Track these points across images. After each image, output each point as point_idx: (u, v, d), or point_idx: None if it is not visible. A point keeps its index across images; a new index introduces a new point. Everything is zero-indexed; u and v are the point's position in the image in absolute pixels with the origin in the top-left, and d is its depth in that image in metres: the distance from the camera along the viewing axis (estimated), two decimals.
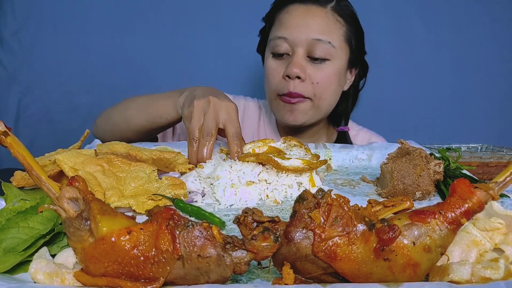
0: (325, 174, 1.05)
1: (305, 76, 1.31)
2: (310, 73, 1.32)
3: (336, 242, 0.50)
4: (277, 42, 1.34)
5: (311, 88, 1.33)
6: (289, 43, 1.32)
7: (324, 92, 1.35)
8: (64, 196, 0.53)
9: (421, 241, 0.50)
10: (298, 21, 1.32)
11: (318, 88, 1.34)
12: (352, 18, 1.39)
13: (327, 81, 1.34)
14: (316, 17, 1.32)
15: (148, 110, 1.24)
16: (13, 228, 0.60)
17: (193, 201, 0.84)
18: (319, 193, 0.52)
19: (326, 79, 1.34)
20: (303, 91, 1.32)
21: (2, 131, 0.55)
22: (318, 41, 1.30)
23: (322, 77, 1.33)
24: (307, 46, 1.31)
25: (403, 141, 0.97)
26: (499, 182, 0.56)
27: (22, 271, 0.56)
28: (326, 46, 1.31)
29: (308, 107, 1.36)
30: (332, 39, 1.32)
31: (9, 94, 1.98)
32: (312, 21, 1.32)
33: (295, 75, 1.30)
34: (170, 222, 0.50)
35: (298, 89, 1.32)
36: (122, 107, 1.33)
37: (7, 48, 1.96)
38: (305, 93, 1.33)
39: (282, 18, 1.36)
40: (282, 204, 0.86)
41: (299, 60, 1.31)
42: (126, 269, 0.49)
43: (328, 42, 1.31)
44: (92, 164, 0.82)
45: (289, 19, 1.34)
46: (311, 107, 1.36)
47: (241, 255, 0.50)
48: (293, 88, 1.31)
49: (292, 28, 1.32)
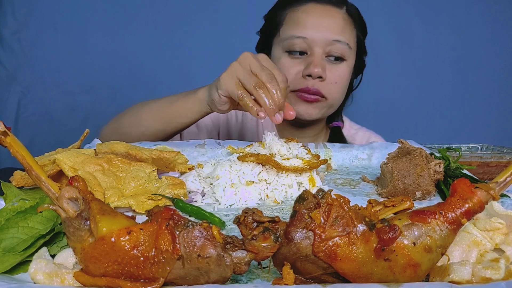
0: (325, 174, 1.05)
1: (325, 76, 1.34)
2: (328, 73, 1.35)
3: (336, 242, 0.50)
4: (294, 41, 1.35)
5: (329, 87, 1.36)
6: (308, 42, 1.34)
7: (339, 92, 1.40)
8: (64, 196, 0.53)
9: (422, 241, 0.50)
10: (317, 21, 1.34)
11: (335, 88, 1.37)
12: (361, 21, 1.43)
13: (343, 81, 1.39)
14: (334, 18, 1.35)
15: (164, 113, 1.21)
16: (12, 228, 0.60)
17: (193, 201, 0.84)
18: (319, 193, 0.52)
19: (342, 79, 1.38)
20: (321, 89, 1.35)
21: (2, 131, 0.55)
22: (337, 42, 1.33)
23: (339, 77, 1.37)
24: (325, 46, 1.33)
25: (403, 141, 0.97)
26: (500, 182, 0.56)
27: (21, 271, 0.56)
28: (344, 47, 1.34)
29: (323, 104, 1.39)
30: (349, 40, 1.36)
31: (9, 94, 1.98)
32: (331, 21, 1.34)
33: (317, 75, 1.32)
34: (170, 222, 0.49)
35: (317, 86, 1.34)
36: (132, 113, 1.29)
37: (7, 48, 1.96)
38: (323, 91, 1.35)
39: (299, 17, 1.37)
40: (282, 204, 0.85)
41: (320, 60, 1.33)
42: (126, 269, 0.49)
43: (346, 43, 1.35)
44: (92, 163, 0.82)
45: (308, 19, 1.35)
46: (325, 105, 1.40)
47: (241, 255, 0.50)
48: (313, 85, 1.34)
49: (312, 27, 1.34)
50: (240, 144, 1.11)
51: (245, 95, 0.97)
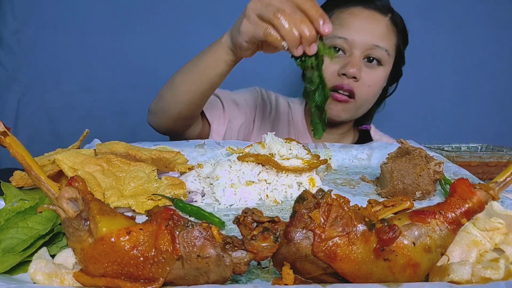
0: (325, 174, 1.05)
1: (360, 77, 1.36)
2: (364, 75, 1.37)
3: (336, 242, 0.50)
4: (336, 41, 1.37)
5: (361, 89, 1.38)
6: (348, 43, 1.36)
7: (371, 95, 1.43)
8: (64, 196, 0.53)
9: (421, 241, 0.50)
10: (362, 24, 1.37)
11: (367, 90, 1.40)
12: (404, 29, 1.46)
13: (377, 85, 1.42)
14: (378, 24, 1.38)
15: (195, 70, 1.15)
16: (12, 229, 0.60)
17: (193, 201, 0.84)
18: (319, 193, 0.52)
19: (376, 83, 1.41)
20: (354, 89, 1.37)
21: (1, 131, 0.55)
22: (377, 47, 1.36)
23: (374, 81, 1.40)
24: (365, 50, 1.36)
25: (403, 141, 0.97)
26: (500, 182, 0.56)
27: (21, 271, 0.56)
28: (383, 52, 1.37)
29: (352, 106, 1.41)
30: (388, 47, 1.39)
31: (9, 94, 1.98)
32: (374, 27, 1.38)
33: (352, 75, 1.34)
34: (169, 222, 0.49)
35: (351, 86, 1.36)
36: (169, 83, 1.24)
37: (7, 48, 1.96)
38: (356, 91, 1.37)
39: (345, 18, 1.39)
40: (282, 204, 0.85)
41: (357, 61, 1.36)
42: (125, 270, 0.49)
43: (385, 50, 1.38)
44: (92, 164, 0.82)
45: (353, 21, 1.38)
46: (354, 107, 1.42)
47: (241, 255, 0.50)
48: (347, 84, 1.36)
49: (355, 30, 1.36)
50: (240, 144, 1.12)
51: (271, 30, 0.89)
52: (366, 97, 1.42)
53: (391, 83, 1.57)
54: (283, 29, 0.88)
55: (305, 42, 0.89)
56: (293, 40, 0.88)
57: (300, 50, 0.90)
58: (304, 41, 0.89)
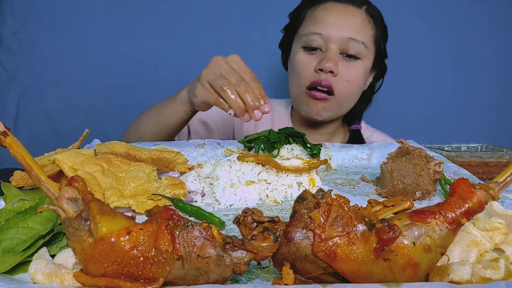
0: (325, 174, 1.05)
1: (337, 71, 1.35)
2: (341, 69, 1.36)
3: (336, 242, 0.50)
4: (311, 37, 1.37)
5: (340, 84, 1.37)
6: (324, 39, 1.36)
7: (350, 90, 1.40)
8: (64, 196, 0.53)
9: (421, 241, 0.50)
10: (335, 18, 1.36)
11: (346, 85, 1.38)
12: (381, 21, 1.45)
13: (356, 79, 1.39)
14: (352, 17, 1.37)
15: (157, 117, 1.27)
16: (12, 229, 0.60)
17: (193, 201, 0.84)
18: (319, 193, 0.52)
19: (355, 77, 1.39)
20: (333, 84, 1.36)
21: (2, 131, 0.55)
22: (353, 40, 1.35)
23: (352, 75, 1.38)
24: (341, 44, 1.35)
25: (403, 141, 0.97)
26: (500, 182, 0.56)
27: (21, 271, 0.56)
28: (360, 45, 1.36)
29: (333, 104, 1.40)
30: (365, 39, 1.37)
31: (9, 94, 1.98)
32: (348, 20, 1.36)
33: (329, 69, 1.33)
34: (169, 222, 0.49)
35: (329, 81, 1.35)
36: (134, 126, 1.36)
37: (7, 48, 1.96)
38: (334, 87, 1.36)
39: (318, 14, 1.39)
40: (282, 204, 0.85)
41: (333, 55, 1.35)
42: (125, 270, 0.49)
43: (361, 42, 1.36)
44: (92, 164, 0.82)
45: (326, 16, 1.37)
46: (335, 104, 1.40)
47: (241, 255, 0.50)
48: (325, 79, 1.35)
49: (329, 25, 1.36)
50: (240, 144, 1.11)
51: (220, 98, 1.02)
52: (346, 93, 1.39)
53: (377, 79, 1.56)
54: (230, 100, 1.00)
55: (250, 109, 0.99)
56: (239, 109, 0.99)
57: (246, 117, 1.00)
58: (249, 108, 0.99)
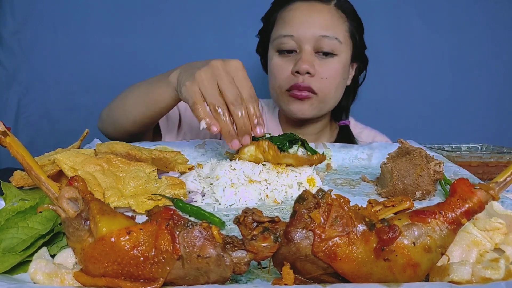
0: (325, 174, 1.05)
1: (314, 72, 1.34)
2: (318, 68, 1.34)
3: (336, 242, 0.50)
4: (283, 40, 1.36)
5: (319, 83, 1.35)
6: (296, 40, 1.34)
7: (331, 87, 1.38)
8: (64, 196, 0.53)
9: (421, 241, 0.50)
10: (304, 18, 1.35)
11: (325, 83, 1.36)
12: (353, 14, 1.42)
13: (334, 76, 1.37)
14: (321, 14, 1.35)
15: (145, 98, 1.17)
16: (12, 228, 0.60)
17: (193, 201, 0.84)
18: (319, 193, 0.52)
19: (333, 74, 1.37)
20: (312, 85, 1.34)
21: (2, 131, 0.55)
22: (325, 37, 1.33)
23: (329, 72, 1.36)
24: (314, 43, 1.33)
25: (403, 141, 0.97)
26: (500, 182, 0.56)
27: (21, 271, 0.56)
28: (333, 41, 1.34)
29: (315, 102, 1.38)
30: (338, 34, 1.35)
31: (9, 94, 1.98)
32: (317, 17, 1.34)
33: (305, 71, 1.32)
34: (169, 222, 0.49)
35: (307, 82, 1.34)
36: (120, 99, 1.27)
37: (7, 48, 1.96)
38: (314, 87, 1.35)
39: (286, 16, 1.38)
40: (282, 204, 0.85)
41: (308, 56, 1.34)
42: (125, 269, 0.49)
43: (335, 38, 1.34)
44: (92, 163, 0.82)
45: (294, 17, 1.36)
46: (317, 102, 1.39)
47: (241, 255, 0.50)
48: (302, 81, 1.34)
49: (298, 25, 1.34)
50: None
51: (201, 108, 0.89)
52: (326, 90, 1.37)
53: (360, 71, 1.54)
54: (221, 123, 0.88)
55: (240, 134, 0.90)
56: (228, 134, 0.89)
57: (235, 144, 0.90)
58: (240, 133, 0.90)
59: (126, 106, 1.23)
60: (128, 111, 1.22)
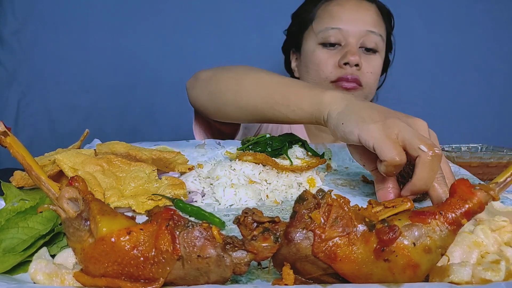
0: (325, 174, 1.05)
1: (361, 65, 1.36)
2: (364, 63, 1.37)
3: (336, 243, 0.50)
4: (330, 33, 1.38)
5: (365, 77, 1.38)
6: (343, 33, 1.37)
7: (374, 82, 1.43)
8: (64, 196, 0.53)
9: (422, 242, 0.50)
10: (352, 13, 1.38)
11: (370, 78, 1.39)
12: (390, 19, 1.48)
13: (377, 72, 1.42)
14: (368, 11, 1.40)
15: (272, 92, 0.97)
16: (12, 229, 0.60)
17: (193, 201, 0.84)
18: (319, 193, 0.52)
19: (376, 70, 1.41)
20: (359, 77, 1.37)
21: (2, 131, 0.55)
22: (371, 32, 1.37)
23: (374, 67, 1.40)
24: (360, 38, 1.37)
25: None
26: (500, 183, 0.56)
27: (21, 271, 0.56)
28: (378, 38, 1.38)
29: (360, 95, 1.40)
30: (382, 32, 1.40)
31: (9, 94, 1.98)
32: (365, 14, 1.39)
33: (354, 62, 1.34)
34: (170, 223, 0.49)
35: (356, 74, 1.36)
36: (235, 74, 1.09)
37: (7, 48, 1.96)
38: (361, 80, 1.37)
39: (333, 10, 1.41)
40: (282, 204, 0.85)
41: (356, 49, 1.36)
42: (126, 270, 0.49)
43: (379, 35, 1.39)
44: (92, 164, 0.82)
45: (343, 11, 1.39)
46: (362, 95, 1.40)
47: (241, 255, 0.50)
48: (351, 73, 1.36)
49: (347, 19, 1.38)
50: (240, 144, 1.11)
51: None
52: (371, 85, 1.41)
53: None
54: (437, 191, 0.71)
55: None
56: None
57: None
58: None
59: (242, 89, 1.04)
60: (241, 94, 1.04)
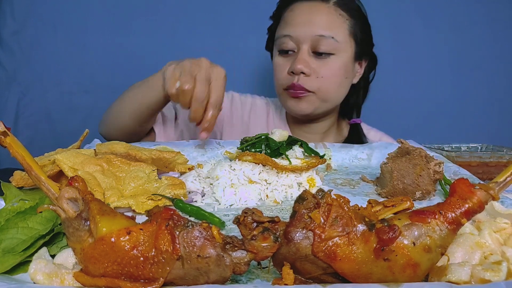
0: (325, 174, 1.05)
1: (309, 71, 1.35)
2: (315, 67, 1.36)
3: (336, 242, 0.50)
4: (282, 40, 1.39)
5: (316, 82, 1.36)
6: (294, 40, 1.36)
7: (330, 86, 1.39)
8: (64, 196, 0.53)
9: (421, 241, 0.50)
10: (302, 18, 1.36)
11: (323, 82, 1.37)
12: (357, 11, 1.42)
13: (332, 75, 1.38)
14: (319, 14, 1.36)
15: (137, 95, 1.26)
16: (12, 229, 0.60)
17: (193, 201, 0.84)
18: (319, 193, 0.52)
19: (331, 73, 1.38)
20: (306, 85, 1.36)
21: (2, 131, 0.55)
22: (322, 37, 1.34)
23: (326, 72, 1.37)
24: (311, 42, 1.35)
25: (403, 141, 0.97)
26: (500, 182, 0.56)
27: (21, 271, 0.56)
28: (330, 41, 1.35)
29: (313, 99, 1.40)
30: (336, 34, 1.35)
31: (9, 94, 1.98)
32: (315, 17, 1.35)
33: (299, 71, 1.34)
34: (169, 222, 0.49)
35: (301, 82, 1.36)
36: (118, 99, 1.35)
37: (7, 48, 1.96)
38: (308, 87, 1.36)
39: (287, 16, 1.40)
40: (282, 204, 0.85)
41: (304, 56, 1.35)
42: (125, 270, 0.49)
43: (331, 37, 1.34)
44: (92, 164, 0.82)
45: (293, 17, 1.38)
46: (316, 99, 1.40)
47: (241, 255, 0.50)
48: (297, 81, 1.36)
49: (296, 25, 1.36)
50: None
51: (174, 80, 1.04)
52: (324, 89, 1.38)
53: (370, 69, 1.54)
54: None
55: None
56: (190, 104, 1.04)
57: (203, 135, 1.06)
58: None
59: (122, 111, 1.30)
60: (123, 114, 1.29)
